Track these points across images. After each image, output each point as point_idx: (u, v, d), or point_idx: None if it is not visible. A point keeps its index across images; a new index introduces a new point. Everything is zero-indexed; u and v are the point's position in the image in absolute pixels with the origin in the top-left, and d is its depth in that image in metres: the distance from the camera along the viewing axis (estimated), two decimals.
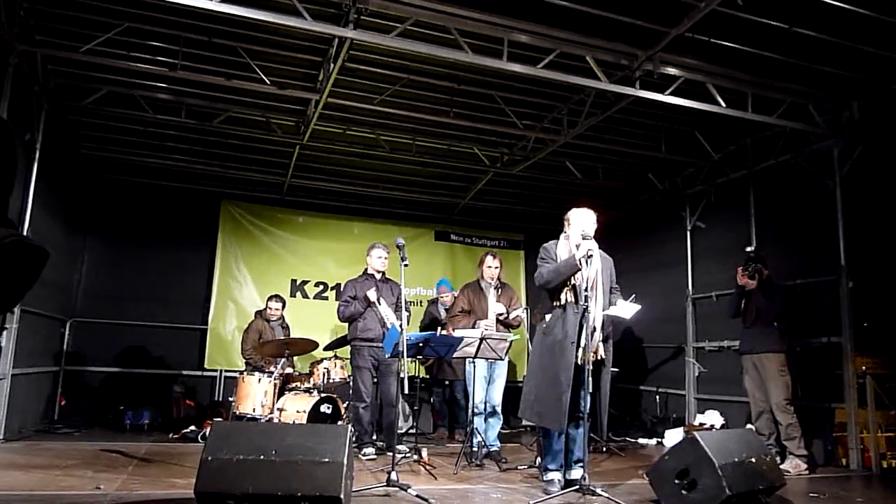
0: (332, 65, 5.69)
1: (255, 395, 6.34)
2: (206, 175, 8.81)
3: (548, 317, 4.52)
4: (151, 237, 8.87)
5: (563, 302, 4.43)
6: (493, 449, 5.74)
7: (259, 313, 7.74)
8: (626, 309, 4.55)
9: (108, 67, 6.00)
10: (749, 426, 5.95)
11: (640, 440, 7.59)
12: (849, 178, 6.29)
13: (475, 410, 5.74)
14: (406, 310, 5.41)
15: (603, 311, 4.40)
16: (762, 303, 5.90)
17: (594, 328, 4.25)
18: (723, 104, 5.97)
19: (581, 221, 4.59)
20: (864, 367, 5.80)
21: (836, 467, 5.93)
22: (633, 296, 4.55)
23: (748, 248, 6.24)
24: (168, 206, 9.04)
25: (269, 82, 6.12)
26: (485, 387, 5.88)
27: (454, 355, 5.39)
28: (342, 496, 3.26)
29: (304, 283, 9.43)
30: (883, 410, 5.74)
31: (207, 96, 6.69)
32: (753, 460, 3.96)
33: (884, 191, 5.94)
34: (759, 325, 5.91)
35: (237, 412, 6.32)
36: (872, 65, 5.61)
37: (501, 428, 6.09)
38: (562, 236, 4.69)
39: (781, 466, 5.08)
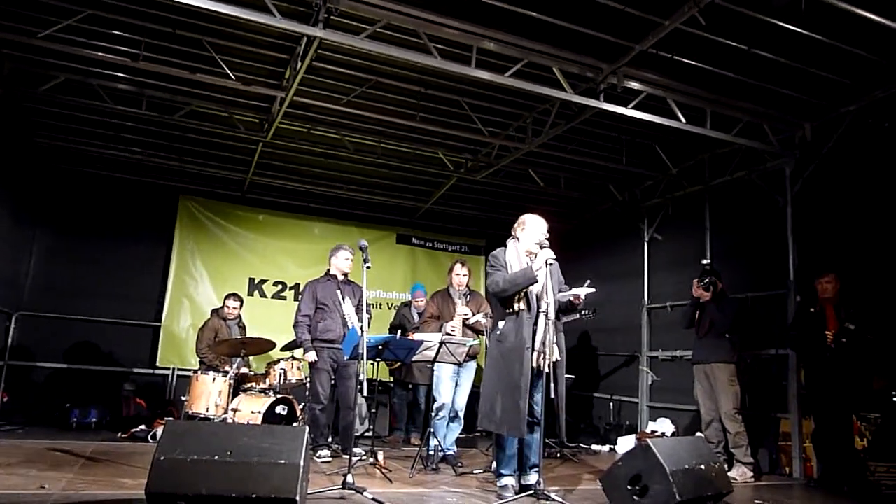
0: (299, 63, 5.65)
1: (208, 395, 6.25)
2: (165, 169, 8.62)
3: (500, 324, 4.47)
4: (105, 230, 8.65)
5: (516, 309, 4.41)
6: (449, 453, 5.75)
7: (215, 311, 7.61)
8: (581, 291, 4.48)
9: (66, 55, 5.82)
10: (699, 434, 6.09)
11: (594, 446, 7.70)
12: (799, 197, 6.52)
13: (439, 414, 5.75)
14: (367, 312, 5.39)
15: (555, 307, 4.39)
16: (715, 315, 6.06)
17: (546, 333, 4.26)
18: (682, 120, 6.13)
19: (536, 229, 4.57)
20: (803, 380, 6.00)
21: (779, 475, 6.13)
22: (588, 281, 4.53)
23: (704, 262, 6.40)
24: (124, 199, 8.83)
25: (234, 78, 6.04)
26: (451, 390, 5.88)
27: (413, 359, 5.39)
28: (297, 498, 3.23)
29: (263, 282, 9.32)
30: None
31: (169, 89, 6.56)
32: (703, 467, 4.06)
33: (832, 209, 6.18)
34: (712, 337, 6.07)
35: (189, 412, 6.21)
36: (825, 88, 5.83)
37: (459, 432, 6.10)
38: (510, 242, 4.64)
39: (729, 474, 5.22)
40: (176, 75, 6.06)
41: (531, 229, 4.59)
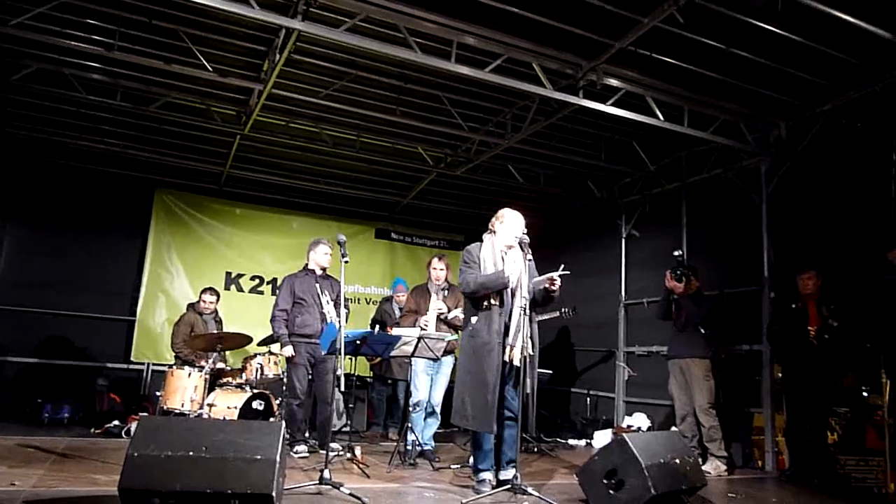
0: (277, 55, 5.59)
1: (184, 390, 6.18)
2: (140, 161, 8.49)
3: (473, 319, 4.47)
4: (79, 223, 8.51)
5: (487, 305, 4.41)
6: (426, 448, 5.76)
7: (191, 306, 7.53)
8: (555, 274, 4.41)
9: (38, 43, 5.69)
10: (674, 428, 6.16)
11: (571, 441, 7.76)
12: (774, 195, 6.61)
13: (415, 409, 5.74)
14: (345, 307, 5.36)
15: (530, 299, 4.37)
16: (690, 308, 6.12)
17: (520, 328, 4.26)
18: (661, 117, 6.17)
19: (515, 224, 4.56)
20: (780, 374, 6.10)
21: (752, 469, 6.22)
22: (562, 265, 4.52)
23: (676, 253, 6.45)
24: (99, 191, 8.70)
25: (210, 69, 5.96)
26: (428, 385, 5.87)
27: (391, 354, 5.38)
28: (274, 494, 3.21)
29: (240, 276, 9.24)
30: None
31: (144, 80, 6.44)
32: (677, 461, 4.10)
33: (806, 207, 6.27)
34: (688, 332, 6.14)
35: (164, 407, 6.14)
36: (801, 88, 5.91)
37: (437, 427, 6.11)
38: (486, 236, 4.64)
39: (703, 467, 5.28)
40: (151, 66, 5.96)
41: (509, 224, 4.58)
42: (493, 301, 4.40)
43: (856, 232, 5.72)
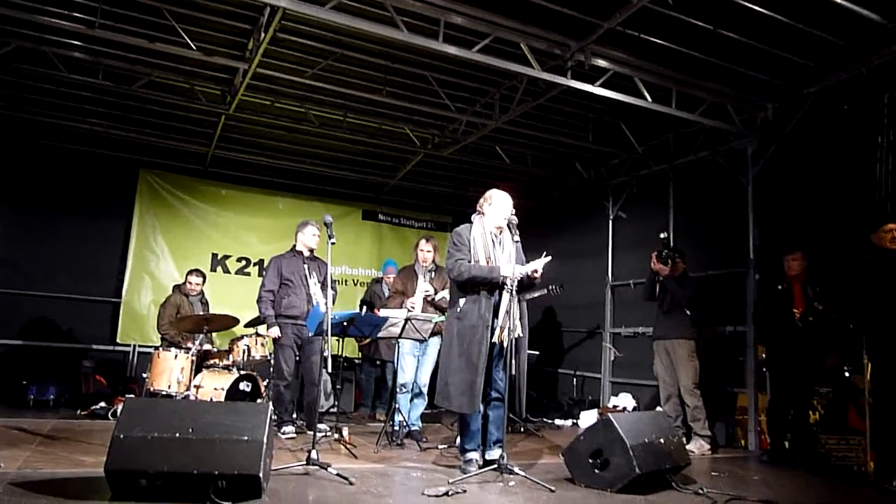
0: (262, 34, 5.52)
1: (170, 372, 6.16)
2: (124, 142, 8.38)
3: (461, 301, 4.46)
4: (62, 204, 8.40)
5: (476, 288, 4.40)
6: (413, 429, 5.79)
7: (177, 287, 7.48)
8: (538, 264, 4.41)
9: (17, 20, 5.56)
10: (659, 409, 6.23)
11: (557, 421, 7.83)
12: (760, 177, 6.65)
13: (401, 390, 5.76)
14: (332, 288, 5.34)
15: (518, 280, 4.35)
16: (676, 291, 6.16)
17: (508, 309, 4.25)
18: (649, 99, 6.16)
19: (503, 205, 4.55)
20: (764, 355, 6.16)
21: (735, 448, 6.31)
22: (544, 252, 4.49)
23: (662, 235, 6.45)
24: (82, 172, 8.57)
25: (194, 48, 5.86)
26: (414, 366, 5.89)
27: (378, 335, 5.39)
28: (261, 474, 3.22)
29: (226, 257, 9.18)
30: None
31: (127, 58, 6.34)
32: (662, 441, 4.16)
33: (791, 190, 6.31)
34: (673, 313, 6.18)
35: (151, 389, 6.12)
36: (788, 69, 5.91)
37: (424, 408, 6.14)
38: (475, 218, 4.63)
39: (688, 447, 5.35)
40: (134, 44, 5.84)
41: (497, 205, 4.57)
42: (482, 286, 4.40)
43: (841, 214, 5.77)
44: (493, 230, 4.55)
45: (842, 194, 5.81)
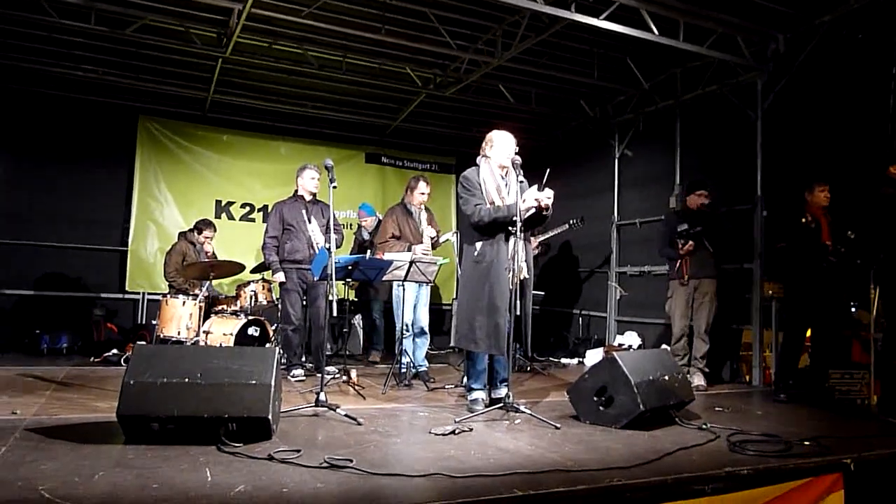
0: None
1: (179, 318, 6.24)
2: (121, 88, 8.24)
3: (478, 244, 4.45)
4: (62, 154, 8.33)
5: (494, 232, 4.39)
6: (421, 369, 5.87)
7: (183, 235, 7.48)
8: (541, 196, 4.29)
9: None
10: (664, 346, 6.26)
11: (563, 360, 7.92)
12: (770, 111, 6.49)
13: (404, 332, 5.82)
14: (337, 232, 5.32)
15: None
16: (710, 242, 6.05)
17: (515, 252, 4.23)
18: (655, 32, 5.97)
19: (505, 145, 4.52)
20: (770, 292, 6.15)
21: (740, 384, 6.38)
22: (547, 170, 4.37)
23: (680, 228, 6.21)
24: (80, 120, 8.46)
25: None
26: (412, 307, 5.93)
27: (383, 279, 5.40)
28: (270, 417, 3.28)
29: (230, 204, 9.15)
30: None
31: (120, 1, 6.16)
32: (666, 378, 4.19)
33: (802, 123, 6.16)
34: (698, 252, 6.05)
35: (161, 335, 6.21)
36: None
37: (429, 349, 6.21)
38: (481, 160, 4.59)
39: (694, 383, 5.41)
40: None
41: (500, 146, 4.54)
42: (500, 228, 4.36)
43: (853, 147, 5.64)
44: (498, 171, 4.51)
45: (854, 127, 5.67)
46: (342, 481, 2.69)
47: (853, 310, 5.53)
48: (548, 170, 4.29)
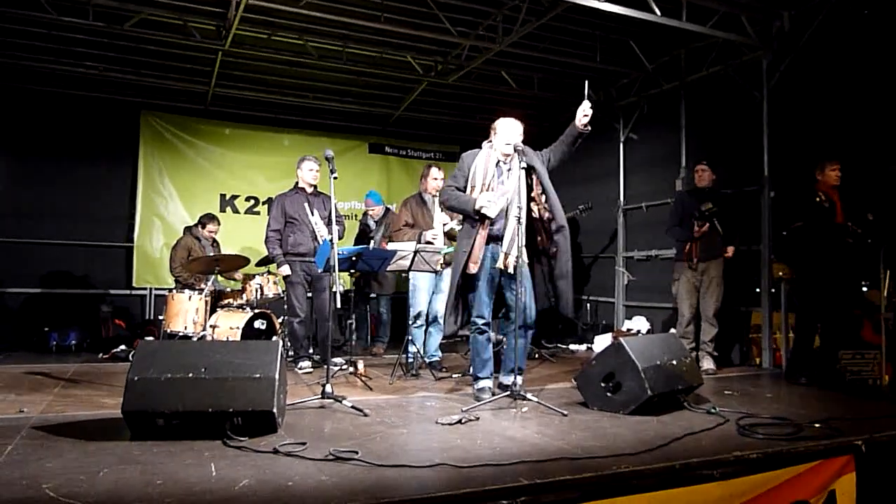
0: None
1: (186, 313, 6.24)
2: (122, 84, 8.23)
3: (463, 230, 4.56)
4: (66, 151, 8.32)
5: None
6: (434, 359, 5.85)
7: (188, 230, 7.49)
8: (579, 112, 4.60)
9: None
10: (672, 331, 6.22)
11: (571, 346, 7.89)
12: (776, 90, 6.40)
13: (416, 322, 5.78)
14: (339, 224, 5.29)
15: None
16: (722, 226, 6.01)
17: (514, 236, 4.22)
18: (658, 12, 5.89)
19: (509, 131, 4.49)
20: (780, 274, 6.08)
21: (749, 367, 6.33)
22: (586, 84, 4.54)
23: (703, 207, 6.16)
24: (82, 117, 8.45)
25: None
26: (427, 299, 5.89)
27: (388, 269, 5.37)
28: (275, 410, 3.27)
29: (234, 197, 9.14)
30: (793, 313, 6.06)
31: None
32: (674, 362, 4.16)
33: (808, 102, 6.07)
34: (707, 235, 6.02)
35: (168, 330, 6.22)
36: None
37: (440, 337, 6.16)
38: (484, 144, 4.58)
39: (703, 367, 5.38)
40: None
41: (503, 133, 4.52)
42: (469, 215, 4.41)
43: (861, 125, 5.55)
44: (501, 158, 4.47)
45: (861, 105, 5.58)
46: (347, 473, 2.68)
47: (864, 290, 5.46)
48: (586, 82, 4.59)
